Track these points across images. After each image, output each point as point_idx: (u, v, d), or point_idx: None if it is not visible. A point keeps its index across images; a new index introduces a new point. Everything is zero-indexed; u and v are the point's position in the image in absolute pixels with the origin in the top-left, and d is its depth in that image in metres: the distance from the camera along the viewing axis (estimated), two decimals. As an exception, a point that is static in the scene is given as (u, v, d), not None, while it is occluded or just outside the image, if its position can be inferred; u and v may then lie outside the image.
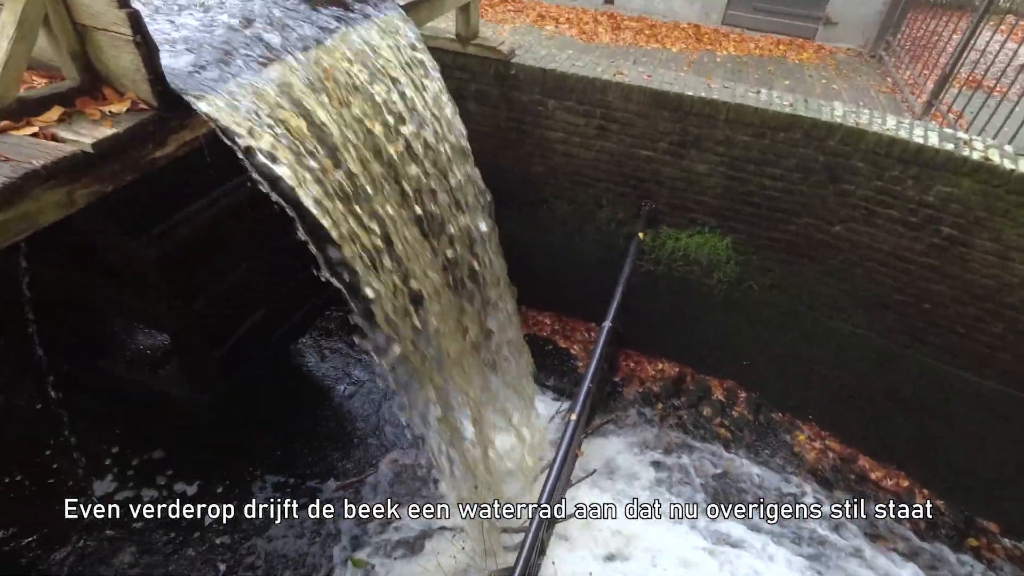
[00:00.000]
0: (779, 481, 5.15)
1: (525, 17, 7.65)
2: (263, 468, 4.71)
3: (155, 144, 2.08)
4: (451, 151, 3.34)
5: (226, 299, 3.43)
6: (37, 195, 1.75)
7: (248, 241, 3.55)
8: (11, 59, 1.77)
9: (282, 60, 2.41)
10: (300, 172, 2.34)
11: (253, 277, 3.60)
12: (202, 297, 3.26)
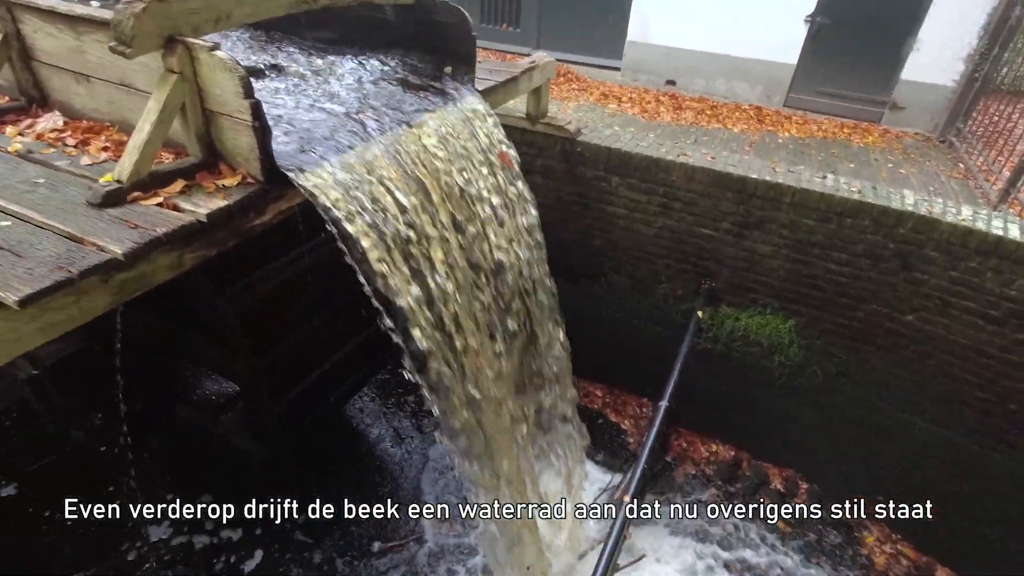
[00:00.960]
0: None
1: (589, 96, 7.99)
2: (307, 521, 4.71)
3: (256, 213, 2.27)
4: (520, 225, 3.47)
5: (294, 353, 3.59)
6: (154, 258, 1.93)
7: (320, 298, 3.73)
8: (151, 139, 2.01)
9: (374, 140, 2.61)
10: (378, 242, 2.49)
11: (320, 333, 3.76)
12: (273, 351, 3.42)
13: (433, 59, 3.40)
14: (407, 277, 2.62)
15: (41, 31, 2.41)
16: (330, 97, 2.87)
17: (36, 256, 1.72)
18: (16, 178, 2.12)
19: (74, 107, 2.59)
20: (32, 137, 2.43)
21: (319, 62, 3.27)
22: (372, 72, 3.19)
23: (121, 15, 1.88)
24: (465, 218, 3.00)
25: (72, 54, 2.40)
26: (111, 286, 1.84)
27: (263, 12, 2.34)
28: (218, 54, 1.99)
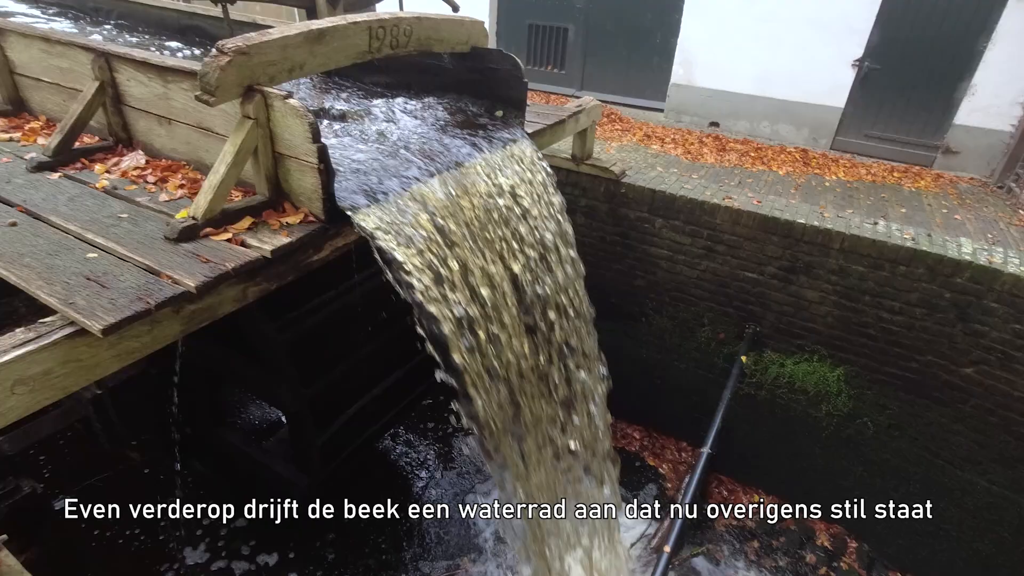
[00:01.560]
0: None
1: (632, 136, 8.08)
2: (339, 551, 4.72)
3: (315, 249, 2.38)
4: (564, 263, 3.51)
5: (340, 384, 3.67)
6: (222, 291, 2.04)
7: (368, 329, 3.83)
8: (225, 180, 2.15)
9: (427, 181, 2.71)
10: (428, 279, 2.56)
11: (366, 363, 3.85)
12: (320, 382, 3.51)
13: (485, 103, 3.53)
14: (454, 311, 2.67)
15: (133, 79, 2.63)
16: (387, 139, 3.01)
17: (119, 287, 1.84)
18: (103, 213, 2.29)
19: (155, 147, 2.79)
20: (118, 174, 2.63)
21: (377, 105, 3.44)
22: (427, 115, 3.33)
23: (208, 67, 2.04)
24: (511, 255, 3.06)
25: (159, 100, 2.60)
26: (182, 316, 1.95)
27: (332, 63, 2.50)
28: (291, 102, 2.13)
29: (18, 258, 1.97)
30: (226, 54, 2.06)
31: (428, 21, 2.91)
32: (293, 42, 2.28)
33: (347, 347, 3.85)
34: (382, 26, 2.64)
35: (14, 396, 1.62)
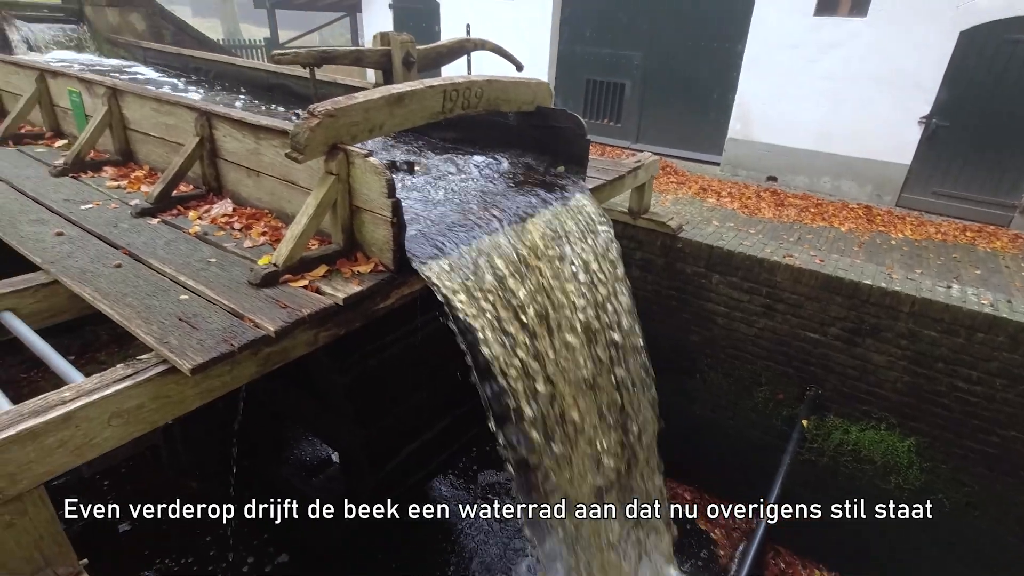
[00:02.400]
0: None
1: (687, 189, 8.09)
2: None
3: (382, 298, 2.47)
4: (621, 316, 3.51)
5: (396, 427, 3.73)
6: (296, 335, 2.15)
7: (426, 373, 3.90)
8: (306, 230, 2.30)
9: (491, 234, 2.81)
10: (490, 329, 2.61)
11: (423, 407, 3.90)
12: (376, 424, 3.58)
13: (547, 158, 3.64)
14: (515, 361, 2.70)
15: (229, 136, 2.88)
16: (452, 192, 3.15)
17: (207, 328, 1.98)
18: (195, 257, 2.48)
19: (241, 195, 3.01)
20: (208, 221, 2.84)
21: (443, 159, 3.61)
22: (491, 170, 3.47)
23: (299, 129, 2.22)
24: (572, 310, 3.09)
25: (250, 154, 2.83)
26: (259, 358, 2.06)
27: (408, 123, 2.66)
28: (371, 160, 2.28)
29: (121, 297, 2.14)
30: (316, 116, 2.24)
31: (498, 83, 3.07)
32: (375, 105, 2.45)
33: (405, 389, 3.92)
34: (455, 89, 2.81)
35: (110, 428, 1.74)
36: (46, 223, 2.75)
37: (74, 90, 3.66)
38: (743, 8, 7.97)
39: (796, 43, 7.56)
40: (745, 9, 7.93)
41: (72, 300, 2.32)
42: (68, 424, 1.64)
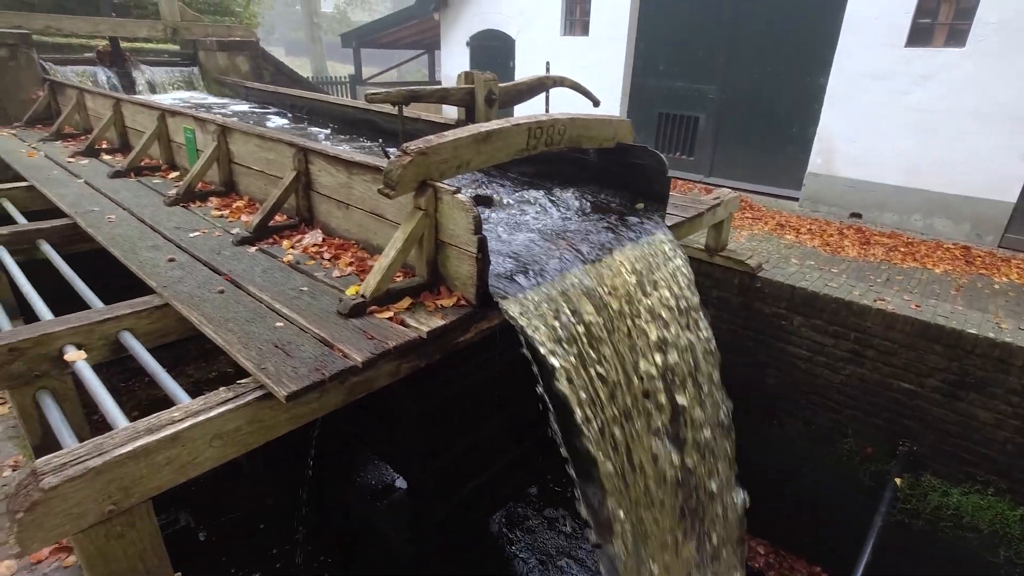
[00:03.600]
0: None
1: (764, 225, 7.81)
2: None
3: (463, 331, 2.50)
4: (699, 358, 3.40)
5: (466, 458, 3.74)
6: (381, 366, 2.20)
7: (499, 405, 3.90)
8: (393, 263, 2.38)
9: (571, 271, 2.80)
10: (568, 366, 2.58)
11: (493, 439, 3.89)
12: (446, 454, 3.60)
13: (626, 195, 3.62)
14: (592, 399, 2.66)
15: (324, 171, 3.05)
16: (532, 227, 3.17)
17: (300, 356, 2.06)
18: (288, 285, 2.61)
19: (331, 226, 3.16)
20: (300, 250, 3.00)
21: (523, 194, 3.66)
22: (571, 205, 3.48)
23: (392, 166, 2.32)
24: (650, 351, 3.02)
25: (341, 187, 2.98)
26: (346, 387, 2.12)
27: (494, 160, 2.73)
28: (459, 197, 2.34)
29: (224, 323, 2.28)
30: (409, 155, 2.33)
31: (580, 121, 3.11)
32: (464, 143, 2.52)
33: (476, 420, 3.93)
34: (540, 126, 2.85)
35: (211, 448, 1.83)
36: (160, 249, 2.99)
37: (189, 127, 3.99)
38: (826, 41, 7.75)
39: (885, 75, 7.25)
40: (828, 42, 7.70)
41: (180, 322, 2.48)
42: (176, 443, 1.74)
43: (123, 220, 3.41)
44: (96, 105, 5.36)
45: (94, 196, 3.82)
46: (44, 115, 6.20)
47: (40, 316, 2.59)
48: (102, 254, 3.15)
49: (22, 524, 1.48)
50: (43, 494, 1.50)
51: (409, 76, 24.38)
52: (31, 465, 1.59)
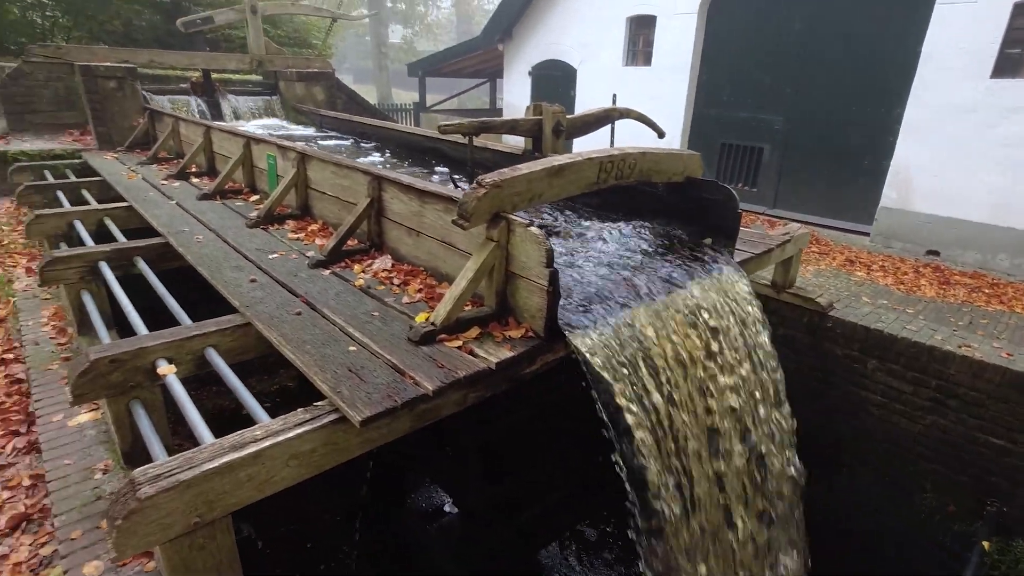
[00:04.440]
0: None
1: (831, 260, 7.51)
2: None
3: (529, 363, 2.51)
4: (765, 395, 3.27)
5: (522, 488, 3.71)
6: (449, 395, 2.23)
7: (553, 436, 3.86)
8: (464, 293, 2.42)
9: (638, 306, 2.77)
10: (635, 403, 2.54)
11: (551, 470, 3.85)
12: (503, 484, 3.58)
13: (693, 229, 3.57)
14: (657, 436, 2.59)
15: (396, 198, 3.15)
16: (599, 259, 3.17)
17: (373, 382, 2.12)
18: (360, 309, 2.70)
19: (400, 252, 3.26)
20: (371, 275, 3.10)
21: (588, 224, 3.66)
22: (637, 238, 3.46)
23: (467, 198, 2.38)
24: (717, 391, 2.93)
25: (413, 215, 3.07)
26: (414, 414, 2.16)
27: (564, 193, 2.75)
28: (532, 230, 2.37)
29: (301, 344, 2.37)
30: (484, 187, 2.38)
31: (651, 155, 3.10)
32: (537, 176, 2.56)
33: (534, 451, 3.90)
34: (611, 160, 2.87)
35: (287, 467, 1.89)
36: (243, 270, 3.16)
37: (271, 154, 4.24)
38: (902, 71, 7.47)
39: (968, 108, 6.90)
40: (904, 72, 7.43)
41: (260, 341, 2.60)
42: (257, 461, 1.81)
43: (210, 241, 3.63)
44: (188, 132, 5.77)
45: (184, 217, 4.09)
46: (143, 140, 6.74)
47: (136, 330, 2.77)
48: (189, 271, 3.35)
49: (120, 531, 1.57)
50: (139, 503, 1.59)
51: (470, 103, 25.06)
52: (129, 475, 1.68)
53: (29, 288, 4.35)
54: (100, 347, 2.37)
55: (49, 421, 2.93)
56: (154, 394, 2.50)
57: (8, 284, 4.43)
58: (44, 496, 2.65)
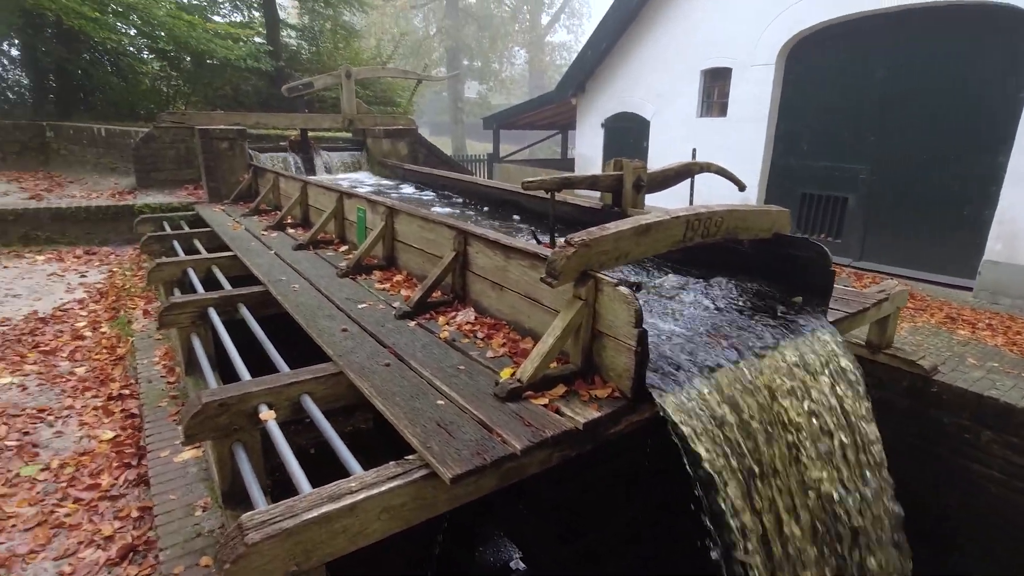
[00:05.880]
0: None
1: (928, 316, 6.97)
2: None
3: (614, 423, 2.46)
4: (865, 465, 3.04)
5: (597, 549, 3.58)
6: (535, 454, 2.21)
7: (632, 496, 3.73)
8: (551, 350, 2.44)
9: (726, 367, 2.68)
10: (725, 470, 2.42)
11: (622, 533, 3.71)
12: (577, 544, 3.47)
13: (781, 286, 3.45)
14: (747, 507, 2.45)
15: (481, 253, 3.26)
16: (682, 316, 3.11)
17: (462, 438, 2.15)
18: (446, 362, 2.76)
19: (483, 305, 3.34)
20: (455, 327, 3.18)
21: (670, 280, 3.62)
22: (721, 295, 3.38)
23: (556, 257, 2.42)
24: (812, 454, 2.76)
25: (497, 270, 3.15)
26: (500, 472, 2.15)
27: (650, 251, 2.75)
28: (621, 289, 2.37)
29: (391, 396, 2.45)
30: (573, 246, 2.42)
31: (738, 212, 3.05)
32: (624, 235, 2.58)
33: (612, 511, 3.78)
34: (698, 219, 2.85)
35: (379, 521, 1.93)
36: (334, 319, 3.33)
37: (361, 208, 4.51)
38: (1005, 115, 7.03)
39: (1084, 156, 6.38)
40: (1007, 116, 6.99)
41: (351, 390, 2.71)
42: (352, 513, 1.86)
43: (304, 289, 3.86)
44: (287, 186, 6.26)
45: (282, 266, 4.39)
46: (246, 193, 7.39)
47: (239, 375, 2.96)
48: (284, 317, 3.57)
49: (228, 574, 1.65)
50: (246, 548, 1.67)
51: (540, 153, 25.72)
52: (237, 519, 1.77)
53: (145, 329, 4.77)
54: (210, 391, 2.54)
55: (158, 456, 3.14)
56: (253, 437, 2.63)
57: (128, 325, 4.88)
58: (149, 528, 2.82)
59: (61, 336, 4.96)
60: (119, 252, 7.33)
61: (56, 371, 4.36)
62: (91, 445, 3.48)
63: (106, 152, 9.69)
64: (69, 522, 2.86)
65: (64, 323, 5.23)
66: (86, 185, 9.31)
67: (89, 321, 5.27)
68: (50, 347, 4.73)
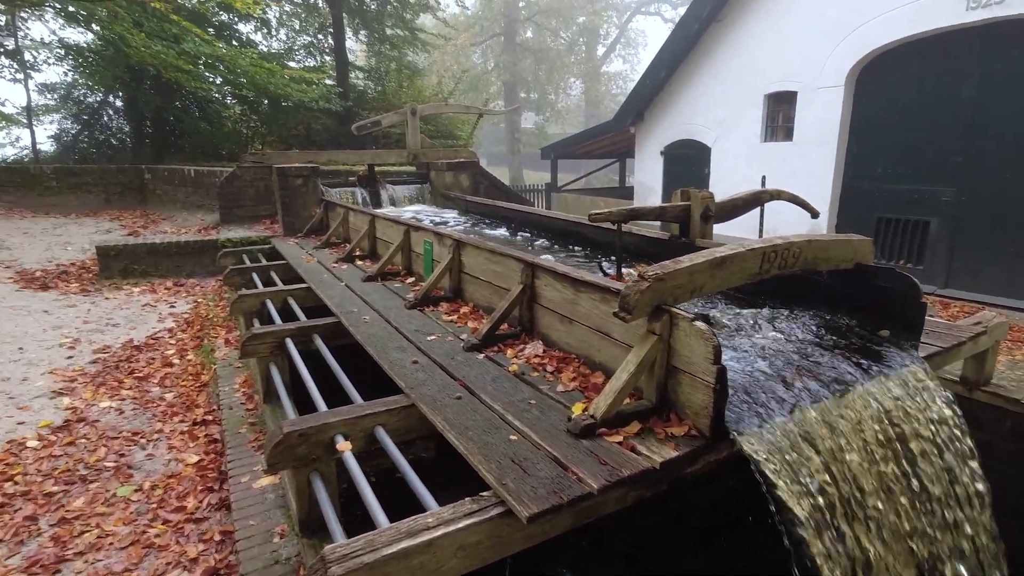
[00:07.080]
0: None
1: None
2: None
3: (691, 463, 2.37)
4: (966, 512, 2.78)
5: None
6: (611, 493, 2.15)
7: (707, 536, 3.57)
8: (625, 386, 2.39)
9: (810, 405, 2.54)
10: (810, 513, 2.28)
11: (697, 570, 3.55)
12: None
13: (864, 319, 3.26)
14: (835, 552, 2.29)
15: (550, 286, 3.26)
16: (760, 352, 2.98)
17: (537, 475, 2.12)
18: (517, 396, 2.76)
19: (551, 338, 3.32)
20: (523, 360, 3.18)
21: (745, 312, 3.49)
22: (800, 329, 3.23)
23: (630, 291, 2.39)
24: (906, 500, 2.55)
25: (566, 303, 3.14)
26: (575, 511, 2.10)
27: (725, 284, 2.67)
28: (698, 325, 2.30)
29: (464, 430, 2.46)
30: (647, 280, 2.39)
31: (817, 243, 2.93)
32: (699, 268, 2.52)
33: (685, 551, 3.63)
34: (775, 250, 2.75)
35: (455, 559, 1.92)
36: (405, 351, 3.40)
37: (428, 240, 4.63)
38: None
39: None
40: (1116, 136, 6.44)
41: (422, 422, 2.74)
42: (429, 550, 1.86)
43: (375, 321, 3.98)
44: (356, 220, 6.53)
45: (352, 298, 4.55)
46: (318, 227, 7.77)
47: (316, 405, 3.06)
48: (355, 347, 3.67)
49: (313, 608, 1.68)
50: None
51: (597, 182, 25.74)
52: (319, 552, 1.81)
53: (226, 357, 5.04)
54: (290, 422, 2.64)
55: (239, 481, 3.27)
56: (330, 467, 2.70)
57: (211, 353, 5.17)
58: (230, 552, 2.92)
59: (153, 363, 5.31)
60: (203, 284, 7.82)
61: (148, 396, 4.66)
62: (178, 468, 3.67)
63: (194, 191, 10.48)
64: (159, 543, 3.01)
65: (155, 351, 5.60)
66: (176, 221, 10.06)
67: (177, 349, 5.63)
68: (143, 373, 5.07)
